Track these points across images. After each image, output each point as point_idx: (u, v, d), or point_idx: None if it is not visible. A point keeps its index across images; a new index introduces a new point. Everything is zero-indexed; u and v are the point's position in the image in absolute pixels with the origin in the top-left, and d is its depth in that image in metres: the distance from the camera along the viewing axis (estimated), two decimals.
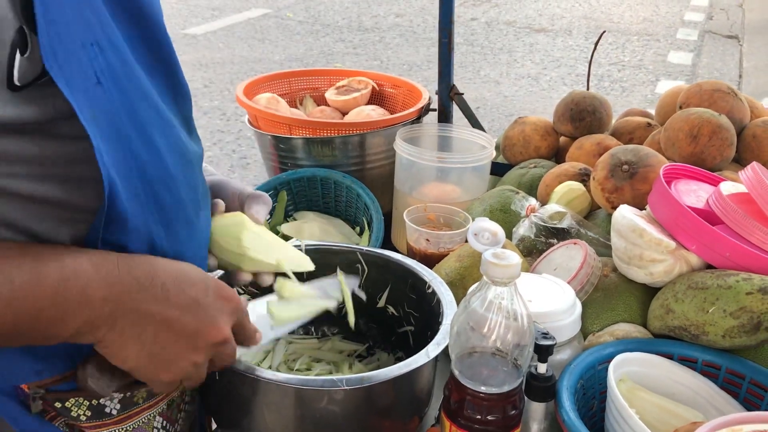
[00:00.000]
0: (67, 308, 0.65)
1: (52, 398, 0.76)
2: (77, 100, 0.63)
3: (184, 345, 0.74)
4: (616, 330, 1.05)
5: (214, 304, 0.75)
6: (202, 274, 0.76)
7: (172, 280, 0.72)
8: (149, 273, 0.70)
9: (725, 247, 1.02)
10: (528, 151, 1.65)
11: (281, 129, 1.61)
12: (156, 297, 0.70)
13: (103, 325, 0.68)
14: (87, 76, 0.64)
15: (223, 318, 0.76)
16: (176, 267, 0.74)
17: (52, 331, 0.66)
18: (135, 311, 0.69)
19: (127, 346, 0.70)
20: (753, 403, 0.96)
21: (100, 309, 0.67)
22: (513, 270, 0.79)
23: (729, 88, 1.46)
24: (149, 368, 0.73)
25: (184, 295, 0.72)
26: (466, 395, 0.83)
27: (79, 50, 0.63)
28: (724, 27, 7.06)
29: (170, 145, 0.76)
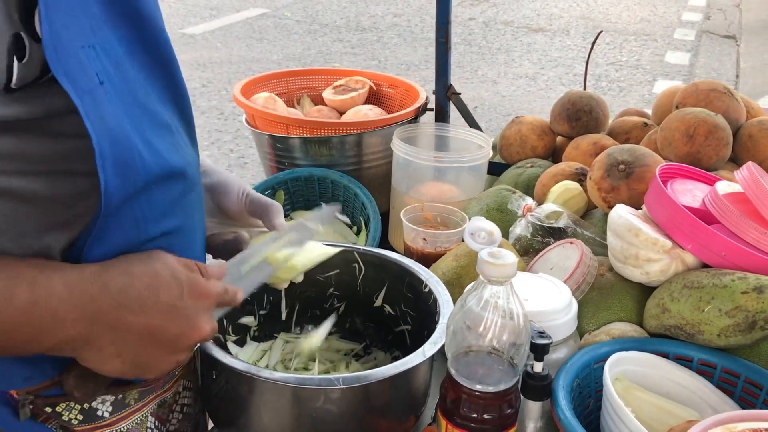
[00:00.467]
0: (40, 329, 0.65)
1: (41, 404, 0.76)
2: (84, 102, 0.63)
3: (165, 350, 0.74)
4: (612, 329, 1.06)
5: (190, 305, 0.74)
6: (172, 272, 0.74)
7: (146, 288, 0.71)
8: (124, 286, 0.69)
9: (721, 246, 1.03)
10: (525, 151, 1.65)
11: (278, 128, 1.61)
12: (132, 310, 0.70)
13: (80, 344, 0.68)
14: (90, 77, 0.64)
15: (201, 317, 0.76)
16: (148, 270, 0.72)
17: (27, 348, 0.67)
18: (113, 328, 0.69)
19: (107, 360, 0.71)
20: (748, 401, 0.96)
21: (73, 329, 0.67)
22: (509, 269, 0.79)
23: (725, 88, 1.46)
24: (133, 374, 0.74)
25: (160, 301, 0.71)
26: (462, 394, 0.83)
27: (80, 52, 0.63)
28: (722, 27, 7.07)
29: (169, 149, 0.75)
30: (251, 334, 1.18)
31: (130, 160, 0.69)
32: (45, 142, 0.66)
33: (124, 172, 0.68)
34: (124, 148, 0.68)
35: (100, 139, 0.65)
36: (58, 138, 0.66)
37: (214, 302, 0.78)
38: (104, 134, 0.65)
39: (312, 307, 1.21)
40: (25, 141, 0.65)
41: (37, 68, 0.61)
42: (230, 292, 0.81)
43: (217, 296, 0.78)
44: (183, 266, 0.76)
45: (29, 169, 0.66)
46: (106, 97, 0.66)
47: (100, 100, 0.65)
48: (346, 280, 1.18)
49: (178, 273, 0.74)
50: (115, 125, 0.67)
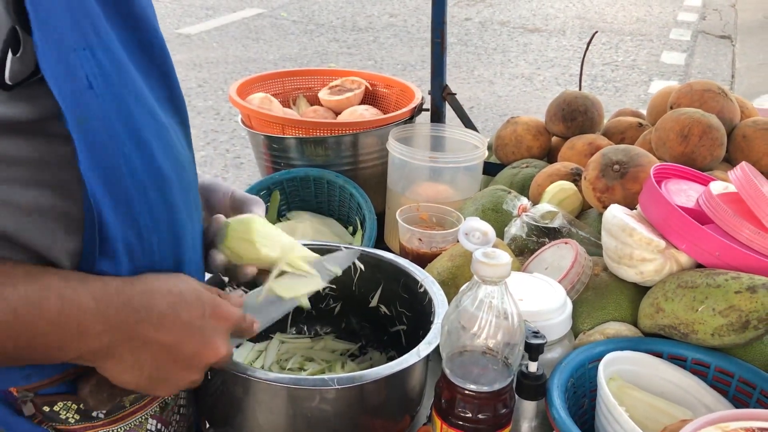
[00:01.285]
0: (65, 339, 0.66)
1: (40, 402, 0.77)
2: (66, 103, 0.63)
3: (181, 367, 0.76)
4: (606, 329, 1.06)
5: (210, 326, 0.76)
6: (196, 293, 0.76)
7: (168, 306, 0.73)
8: (147, 303, 0.71)
9: (714, 246, 1.03)
10: (520, 151, 1.65)
11: (274, 129, 1.61)
12: (153, 325, 0.72)
13: (102, 354, 0.70)
14: (77, 79, 0.64)
15: (219, 338, 0.77)
16: (174, 290, 0.74)
17: (51, 357, 0.68)
18: (133, 339, 0.71)
19: (125, 371, 0.72)
20: (742, 400, 0.97)
21: (98, 340, 0.68)
22: (503, 269, 0.79)
23: (719, 88, 1.47)
24: (148, 388, 0.75)
25: (181, 320, 0.73)
26: (457, 394, 0.84)
27: (70, 54, 0.63)
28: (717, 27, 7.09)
29: (164, 149, 0.76)
30: None
31: (116, 165, 0.69)
32: (45, 146, 0.66)
33: (108, 177, 0.68)
34: (108, 153, 0.68)
35: (80, 143, 0.65)
36: (58, 140, 0.66)
37: (233, 326, 0.80)
38: (83, 139, 0.65)
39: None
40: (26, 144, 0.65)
41: (31, 65, 0.61)
42: (248, 321, 0.84)
43: (236, 321, 0.80)
44: (206, 290, 0.78)
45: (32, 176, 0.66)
46: (95, 100, 0.66)
47: (85, 103, 0.65)
48: (341, 280, 1.17)
49: (201, 294, 0.76)
50: (99, 129, 0.67)
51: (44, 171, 0.66)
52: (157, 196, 0.74)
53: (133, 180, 0.71)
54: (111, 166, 0.68)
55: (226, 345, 0.79)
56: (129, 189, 0.71)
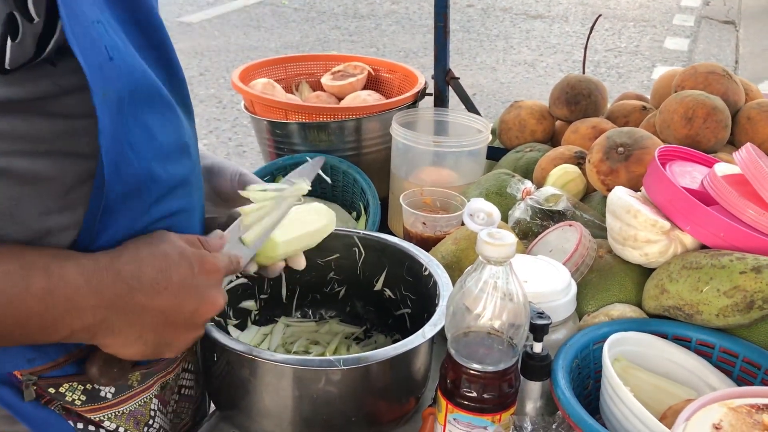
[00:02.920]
0: (56, 316, 0.66)
1: (44, 384, 0.77)
2: (93, 77, 0.63)
3: (182, 327, 0.75)
4: (611, 310, 1.06)
5: (202, 282, 0.76)
6: (180, 252, 0.75)
7: (158, 271, 0.72)
8: (136, 272, 0.71)
9: (719, 227, 1.03)
10: (524, 135, 1.65)
11: (277, 114, 1.61)
12: (147, 293, 0.71)
13: (99, 330, 0.69)
14: (100, 51, 0.64)
15: (213, 291, 0.77)
16: (157, 252, 0.73)
17: (43, 337, 0.67)
18: (130, 311, 0.70)
19: (128, 343, 0.72)
20: (746, 380, 0.97)
21: (92, 316, 0.68)
22: (508, 249, 0.79)
23: (723, 71, 1.46)
24: (154, 353, 0.76)
25: (172, 282, 0.73)
26: (462, 374, 0.84)
27: (90, 27, 0.64)
28: (721, 12, 7.05)
29: (168, 126, 0.76)
30: (252, 318, 1.18)
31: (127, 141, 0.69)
32: (41, 123, 0.66)
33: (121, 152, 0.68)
34: (122, 127, 0.68)
35: (103, 116, 0.65)
36: (55, 118, 0.66)
37: (223, 275, 0.80)
38: (107, 111, 0.65)
39: (312, 292, 1.22)
40: (21, 121, 0.65)
41: (30, 49, 0.61)
42: (234, 261, 0.83)
43: (224, 269, 0.80)
44: (188, 243, 0.77)
45: (28, 149, 0.66)
46: (115, 72, 0.66)
47: (108, 75, 0.65)
48: (346, 264, 1.18)
49: (185, 251, 0.75)
50: (115, 102, 0.67)
51: (42, 144, 0.66)
52: (160, 170, 0.75)
53: (137, 156, 0.71)
54: (124, 141, 0.69)
55: (221, 294, 0.79)
56: (135, 164, 0.71)
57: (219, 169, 0.98)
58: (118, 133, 0.68)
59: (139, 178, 0.72)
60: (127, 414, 0.85)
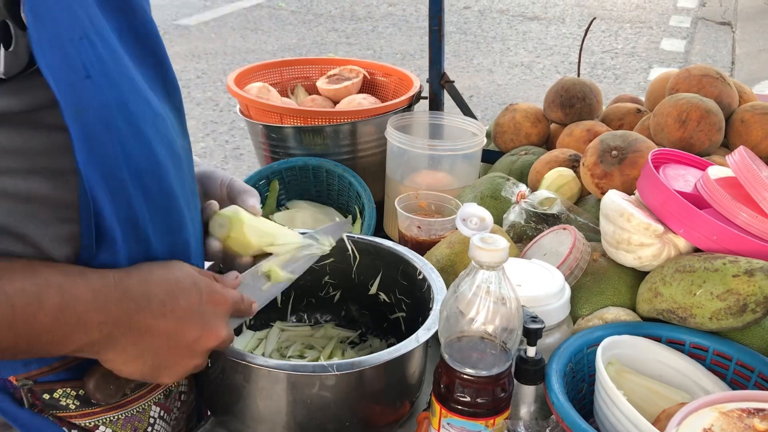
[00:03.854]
0: (66, 332, 0.67)
1: (39, 390, 0.77)
2: (63, 94, 0.63)
3: (183, 353, 0.76)
4: (605, 314, 1.06)
5: (209, 311, 0.77)
6: (192, 279, 0.77)
7: (166, 294, 0.73)
8: (145, 292, 0.72)
9: (712, 230, 1.03)
10: (519, 138, 1.65)
11: (272, 118, 1.61)
12: (154, 314, 0.72)
13: (103, 346, 0.70)
14: (75, 70, 0.64)
15: (218, 322, 0.78)
16: (170, 277, 0.75)
17: (51, 351, 0.68)
18: (134, 330, 0.71)
19: (129, 362, 0.73)
20: (740, 383, 0.97)
21: (98, 332, 0.69)
22: (500, 254, 0.79)
23: (717, 73, 1.47)
24: (152, 376, 0.76)
25: (180, 306, 0.74)
26: (456, 378, 0.84)
27: (67, 44, 0.63)
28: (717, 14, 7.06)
29: (161, 138, 0.76)
30: (247, 323, 1.18)
31: (113, 155, 0.69)
32: (37, 136, 0.66)
33: (105, 167, 0.68)
34: (105, 142, 0.68)
35: (76, 133, 0.65)
36: (51, 131, 0.66)
37: (231, 308, 0.80)
38: (80, 128, 0.65)
39: (307, 296, 1.22)
40: (17, 134, 0.65)
41: (24, 58, 0.61)
42: (246, 302, 0.84)
43: (234, 303, 0.81)
44: (202, 275, 0.79)
45: (24, 164, 0.66)
46: (93, 89, 0.66)
47: (82, 93, 0.65)
48: (341, 268, 1.19)
49: (197, 281, 0.77)
50: (97, 118, 0.67)
51: (38, 160, 0.66)
52: (154, 185, 0.75)
53: (129, 169, 0.71)
54: (108, 155, 0.69)
55: (226, 328, 0.79)
56: (125, 178, 0.71)
57: (208, 176, 0.98)
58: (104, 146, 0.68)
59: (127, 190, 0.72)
60: (124, 420, 0.84)
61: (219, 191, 0.97)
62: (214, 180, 0.98)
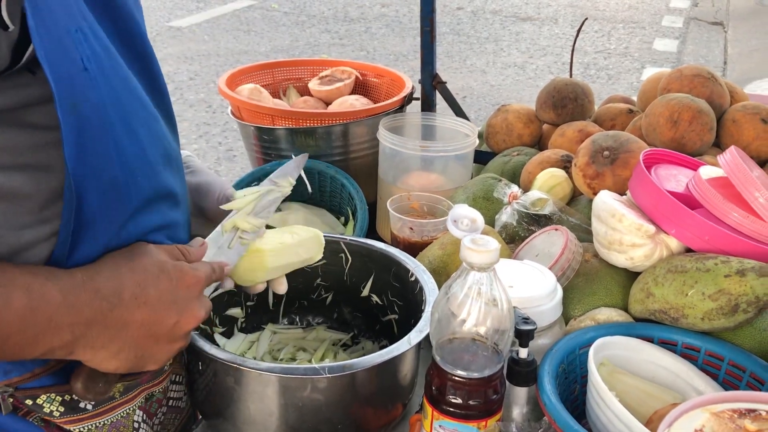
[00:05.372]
0: (36, 334, 0.65)
1: (22, 396, 0.76)
2: (60, 87, 0.63)
3: (165, 340, 0.75)
4: (597, 314, 1.06)
5: (181, 294, 0.76)
6: (160, 266, 0.75)
7: (137, 285, 0.72)
8: (116, 289, 0.70)
9: (704, 230, 1.03)
10: (511, 139, 1.65)
11: (264, 120, 1.61)
12: (128, 307, 0.71)
13: (78, 346, 0.69)
14: (73, 61, 0.64)
15: (193, 303, 0.77)
16: (137, 267, 0.73)
17: (21, 353, 0.67)
18: (111, 327, 0.70)
19: (111, 358, 0.72)
20: (732, 383, 0.97)
21: (70, 333, 0.67)
22: (491, 255, 0.79)
23: (709, 73, 1.47)
24: (137, 366, 0.75)
25: (151, 296, 0.73)
26: (448, 380, 0.84)
27: (65, 36, 0.63)
28: (709, 14, 7.09)
29: (152, 138, 0.75)
30: (238, 326, 1.18)
31: (104, 151, 0.68)
32: (20, 134, 0.65)
33: (97, 162, 0.68)
34: (97, 138, 0.67)
35: (69, 127, 0.65)
36: (35, 130, 0.66)
37: (204, 286, 0.79)
38: (74, 122, 0.65)
39: (299, 298, 1.22)
40: (1, 132, 0.64)
41: (6, 58, 0.61)
42: (217, 270, 0.83)
43: (206, 279, 0.79)
44: (168, 255, 0.76)
45: (5, 161, 0.65)
46: (90, 83, 0.66)
47: (79, 86, 0.65)
48: (333, 270, 1.18)
49: (165, 265, 0.75)
50: (92, 113, 0.66)
51: (20, 157, 0.66)
52: (145, 181, 0.74)
53: (122, 167, 0.70)
54: (101, 151, 0.68)
55: (203, 306, 0.78)
56: (118, 176, 0.70)
57: (206, 188, 0.97)
58: (98, 141, 0.67)
59: (118, 187, 0.71)
60: (109, 425, 0.84)
61: (216, 203, 0.95)
62: (212, 191, 0.96)
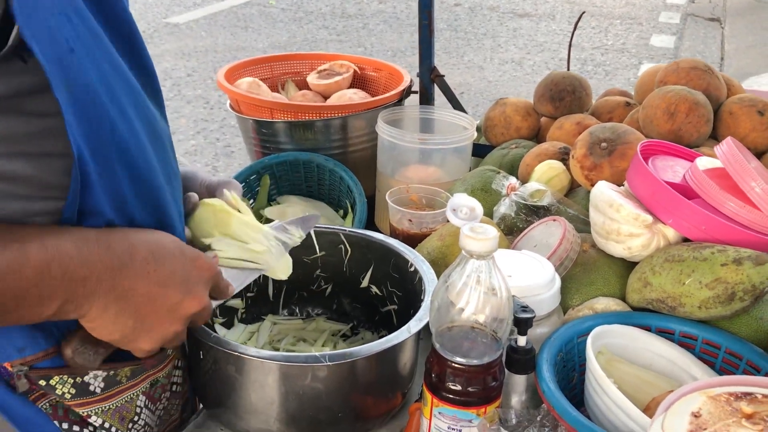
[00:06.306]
0: (51, 288, 0.66)
1: (35, 376, 0.77)
2: (51, 69, 0.63)
3: (165, 316, 0.76)
4: (595, 304, 1.07)
5: (192, 275, 0.77)
6: (178, 245, 0.77)
7: (151, 254, 0.73)
8: (128, 249, 0.71)
9: (701, 220, 1.04)
10: (509, 132, 1.66)
11: (263, 113, 1.61)
12: (137, 272, 0.72)
13: (86, 302, 0.69)
14: (59, 43, 0.64)
15: (201, 288, 0.78)
16: (154, 239, 0.75)
17: (37, 309, 0.67)
18: (117, 288, 0.71)
19: (110, 321, 0.72)
20: (729, 371, 0.98)
21: (82, 287, 0.68)
22: (490, 243, 0.80)
23: (706, 66, 1.47)
24: (131, 338, 0.75)
25: (164, 268, 0.74)
26: (447, 367, 0.84)
27: (50, 18, 0.63)
28: (706, 10, 7.10)
29: (142, 118, 0.76)
30: (239, 316, 1.19)
31: (100, 131, 0.69)
32: (19, 122, 0.65)
33: (95, 143, 0.68)
34: (93, 118, 0.68)
35: (68, 108, 0.65)
36: (30, 117, 0.66)
37: (213, 277, 0.80)
38: (71, 104, 0.65)
39: (299, 289, 1.22)
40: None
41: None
42: (224, 281, 0.84)
43: (216, 273, 0.81)
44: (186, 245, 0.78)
45: (6, 149, 0.66)
46: (78, 64, 0.66)
47: (69, 67, 0.65)
48: (332, 261, 1.19)
49: (182, 245, 0.77)
50: (84, 93, 0.67)
51: (20, 145, 0.66)
52: (140, 161, 0.75)
53: (116, 147, 0.71)
54: (97, 131, 0.68)
55: (206, 294, 0.79)
56: (113, 156, 0.71)
57: (192, 175, 0.98)
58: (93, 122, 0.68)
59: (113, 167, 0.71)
60: (113, 410, 0.84)
61: (199, 190, 0.96)
62: (194, 181, 0.97)
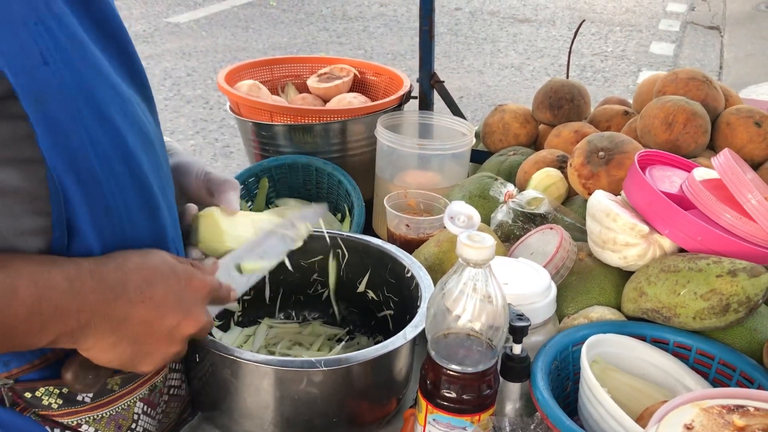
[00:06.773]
0: (42, 322, 0.65)
1: (21, 389, 0.76)
2: (19, 82, 0.62)
3: (163, 340, 0.75)
4: (590, 313, 1.08)
5: (187, 296, 0.76)
6: (170, 266, 0.75)
7: (144, 281, 0.72)
8: (121, 279, 0.71)
9: (697, 231, 1.04)
10: (507, 139, 1.66)
11: (262, 116, 1.61)
12: (131, 301, 0.71)
13: (81, 334, 0.69)
14: (31, 56, 0.63)
15: (197, 307, 0.77)
16: (146, 264, 0.73)
17: (28, 342, 0.67)
18: (112, 318, 0.70)
19: (108, 349, 0.72)
20: (722, 382, 0.98)
21: (76, 320, 0.68)
22: (487, 252, 0.80)
23: (704, 77, 1.48)
24: (131, 364, 0.75)
25: (158, 293, 0.73)
26: (442, 375, 0.85)
27: (21, 29, 0.62)
28: (706, 18, 7.12)
29: (130, 123, 0.74)
30: (235, 320, 1.19)
31: (79, 143, 0.68)
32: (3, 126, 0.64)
33: (72, 154, 0.68)
34: (70, 130, 0.67)
35: (38, 122, 0.64)
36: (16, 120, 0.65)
37: (210, 294, 0.79)
38: (41, 117, 0.64)
39: (296, 293, 1.22)
40: None
41: None
42: (224, 288, 0.83)
43: (212, 289, 0.80)
44: (180, 261, 0.77)
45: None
46: (53, 76, 0.65)
47: (41, 81, 0.64)
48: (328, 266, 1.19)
49: (174, 267, 0.76)
50: (59, 106, 0.66)
51: (4, 150, 0.65)
52: (125, 171, 0.74)
53: (98, 157, 0.70)
54: (73, 143, 0.67)
55: (205, 314, 0.79)
56: (94, 166, 0.70)
57: (185, 167, 0.97)
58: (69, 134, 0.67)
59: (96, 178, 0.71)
60: (107, 418, 0.84)
61: (196, 185, 0.95)
62: (190, 174, 0.96)
